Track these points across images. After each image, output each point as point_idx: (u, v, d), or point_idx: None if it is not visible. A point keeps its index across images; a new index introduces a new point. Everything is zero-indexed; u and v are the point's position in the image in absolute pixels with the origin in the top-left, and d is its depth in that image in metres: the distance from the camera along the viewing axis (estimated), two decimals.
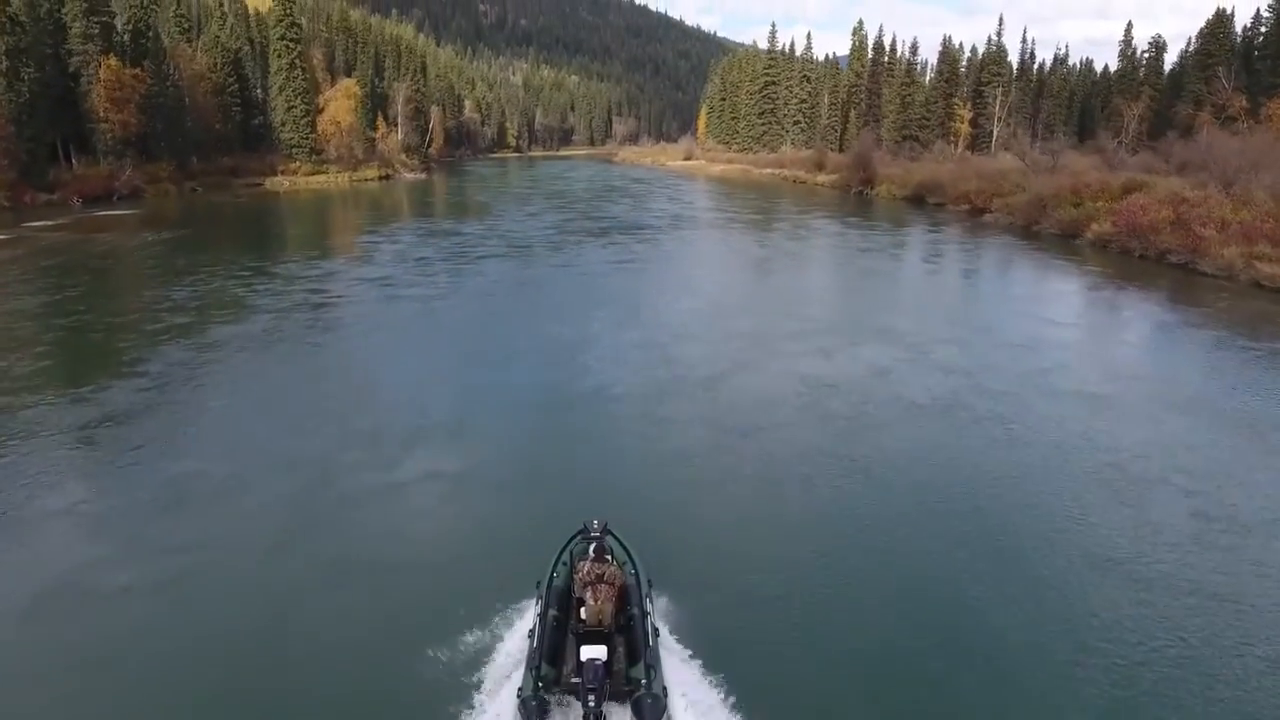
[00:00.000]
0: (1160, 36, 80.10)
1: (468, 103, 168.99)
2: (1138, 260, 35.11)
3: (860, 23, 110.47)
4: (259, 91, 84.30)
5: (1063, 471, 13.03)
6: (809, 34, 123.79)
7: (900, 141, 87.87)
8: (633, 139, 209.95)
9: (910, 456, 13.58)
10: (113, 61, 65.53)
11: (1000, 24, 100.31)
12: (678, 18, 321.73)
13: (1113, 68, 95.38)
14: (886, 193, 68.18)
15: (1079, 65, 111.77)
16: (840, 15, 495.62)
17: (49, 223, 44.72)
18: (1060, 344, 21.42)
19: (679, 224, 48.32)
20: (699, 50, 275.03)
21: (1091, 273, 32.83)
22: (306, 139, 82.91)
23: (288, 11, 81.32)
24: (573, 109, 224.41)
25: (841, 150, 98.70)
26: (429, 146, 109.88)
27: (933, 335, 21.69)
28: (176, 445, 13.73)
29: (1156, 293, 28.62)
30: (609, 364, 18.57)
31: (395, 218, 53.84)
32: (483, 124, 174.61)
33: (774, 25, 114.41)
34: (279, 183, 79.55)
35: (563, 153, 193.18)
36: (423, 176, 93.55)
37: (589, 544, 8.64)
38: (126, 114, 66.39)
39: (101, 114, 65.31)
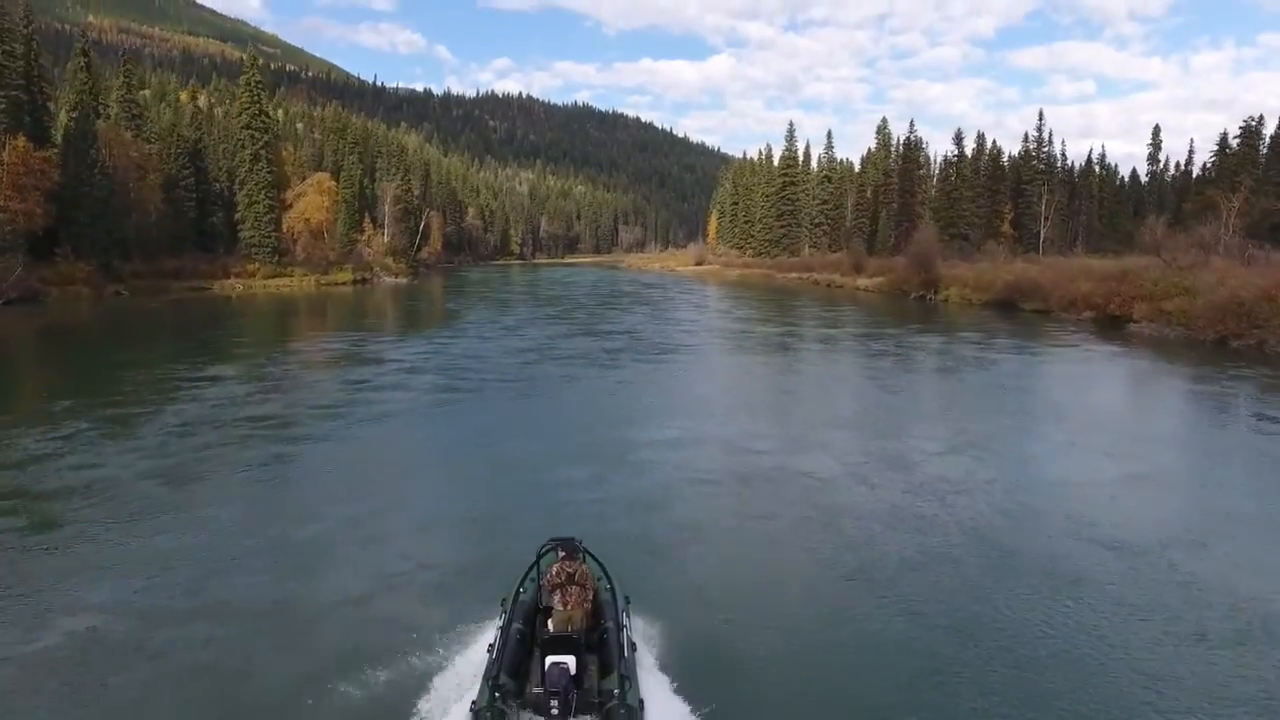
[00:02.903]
0: (1253, 120, 66.60)
1: (470, 209, 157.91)
2: None
3: (884, 121, 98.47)
4: (235, 186, 70.57)
5: None
6: (829, 132, 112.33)
7: (948, 241, 73.71)
8: (639, 246, 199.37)
9: None
10: (21, 142, 51.79)
11: (1041, 118, 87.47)
12: (682, 135, 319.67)
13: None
14: (958, 297, 52.88)
15: (1101, 171, 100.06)
16: (836, 134, 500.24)
17: None
18: None
19: (718, 342, 32.36)
20: (703, 164, 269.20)
21: None
22: (269, 237, 68.91)
23: (254, 99, 68.81)
24: (578, 217, 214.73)
25: (872, 252, 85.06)
26: (419, 250, 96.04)
27: None
28: None
29: None
30: None
31: (326, 330, 38.25)
32: (485, 230, 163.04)
33: (791, 124, 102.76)
34: (231, 286, 64.84)
35: (568, 260, 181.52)
36: (404, 281, 78.95)
37: (559, 546, 6.99)
38: (31, 203, 52.08)
39: (1, 202, 51.08)
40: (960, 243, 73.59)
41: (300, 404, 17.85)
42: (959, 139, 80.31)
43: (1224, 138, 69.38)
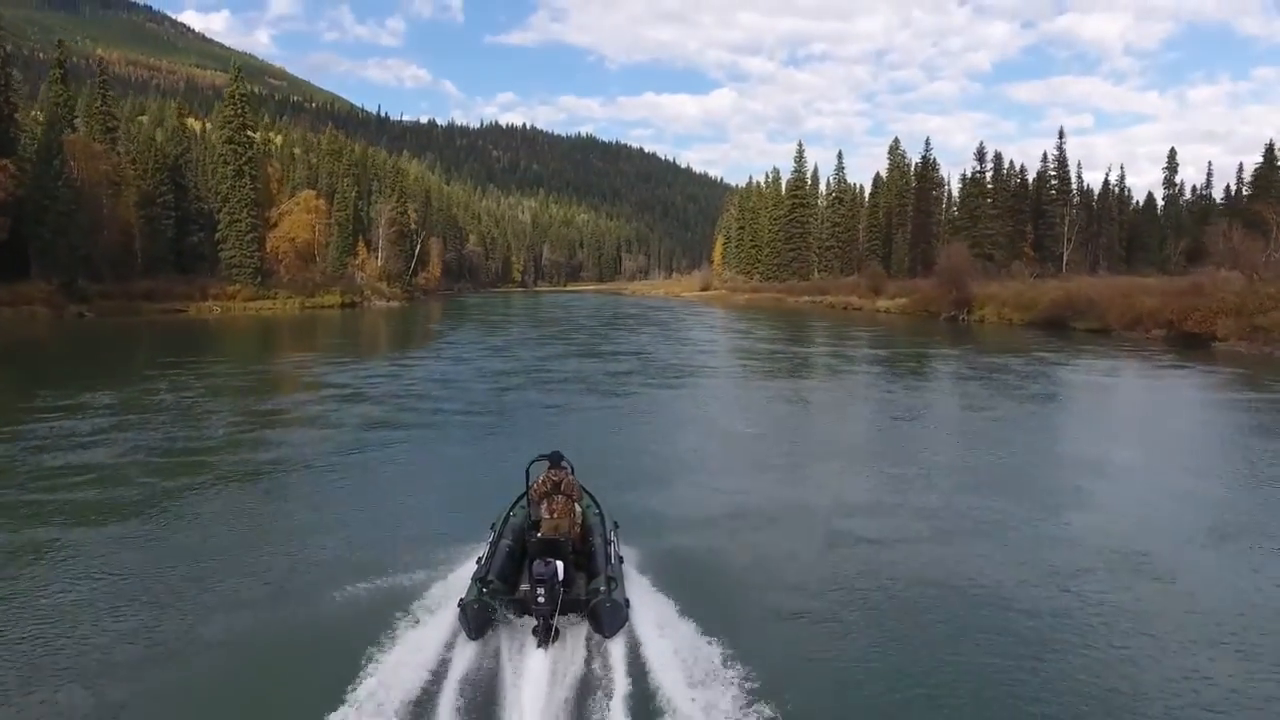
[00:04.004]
0: None
1: (471, 236, 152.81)
2: None
3: (896, 141, 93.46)
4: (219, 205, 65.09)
5: None
6: (839, 153, 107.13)
7: (974, 260, 68.15)
8: (642, 274, 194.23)
9: None
10: None
11: (1061, 136, 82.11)
12: (685, 166, 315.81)
13: None
14: (995, 316, 47.11)
15: (1119, 192, 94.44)
16: (833, 164, 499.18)
17: None
18: None
19: (746, 364, 26.45)
20: (706, 194, 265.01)
21: None
22: (250, 258, 63.26)
23: (237, 113, 63.61)
24: (581, 245, 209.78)
25: (888, 274, 79.64)
26: (415, 275, 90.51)
27: None
28: None
29: None
30: None
31: (283, 352, 32.47)
32: (486, 258, 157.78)
33: (800, 144, 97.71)
34: (208, 309, 59.16)
35: (570, 288, 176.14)
36: (396, 305, 73.21)
37: (545, 460, 6.97)
38: None
39: None
40: (984, 263, 68.14)
41: (157, 446, 11.93)
42: (980, 155, 74.99)
43: (1269, 149, 63.87)
